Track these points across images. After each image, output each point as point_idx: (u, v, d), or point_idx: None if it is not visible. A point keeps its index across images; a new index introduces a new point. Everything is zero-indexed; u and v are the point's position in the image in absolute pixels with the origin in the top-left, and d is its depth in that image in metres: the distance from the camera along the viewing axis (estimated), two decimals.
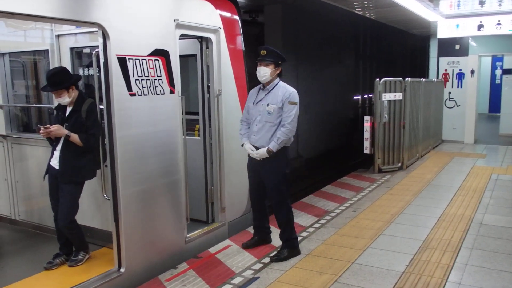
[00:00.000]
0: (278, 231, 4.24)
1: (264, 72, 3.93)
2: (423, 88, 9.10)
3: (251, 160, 4.12)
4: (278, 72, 4.00)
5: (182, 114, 4.18)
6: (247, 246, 4.33)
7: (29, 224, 4.97)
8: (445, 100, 11.29)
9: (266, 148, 3.91)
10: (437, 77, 11.34)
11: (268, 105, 3.94)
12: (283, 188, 4.04)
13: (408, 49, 20.10)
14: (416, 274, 3.70)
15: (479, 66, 11.24)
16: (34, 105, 5.31)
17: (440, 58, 11.36)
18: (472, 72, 10.98)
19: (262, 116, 3.97)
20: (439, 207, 5.61)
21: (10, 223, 5.12)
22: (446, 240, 4.46)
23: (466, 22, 10.53)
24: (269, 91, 3.99)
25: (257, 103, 4.03)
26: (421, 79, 9.40)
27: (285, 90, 3.96)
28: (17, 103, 5.27)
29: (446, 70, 11.24)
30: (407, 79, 8.03)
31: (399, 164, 8.02)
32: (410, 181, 7.09)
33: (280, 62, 3.98)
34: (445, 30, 10.88)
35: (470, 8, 10.10)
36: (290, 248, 4.11)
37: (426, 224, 4.98)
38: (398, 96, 7.80)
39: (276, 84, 4.01)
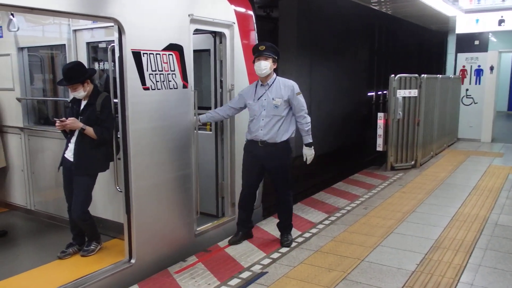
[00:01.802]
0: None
1: (264, 65, 4.07)
2: (440, 84, 8.96)
3: (254, 155, 4.21)
4: (274, 67, 4.18)
5: (195, 108, 4.21)
6: (233, 243, 4.37)
7: (44, 214, 5.08)
8: (462, 97, 11.09)
9: (309, 146, 4.23)
10: (455, 73, 11.14)
11: (273, 99, 4.10)
12: (290, 178, 4.29)
13: (424, 45, 19.79)
14: (427, 274, 3.67)
15: (499, 62, 10.99)
16: (50, 98, 5.40)
17: (458, 54, 11.14)
18: (491, 68, 10.74)
19: (268, 110, 4.10)
20: (452, 207, 5.54)
21: (26, 212, 5.24)
22: (459, 240, 4.40)
23: (486, 17, 10.30)
24: (270, 86, 4.16)
25: (258, 99, 4.15)
26: (438, 75, 9.24)
27: (287, 83, 4.18)
28: (35, 97, 5.37)
29: (464, 66, 11.01)
30: (423, 75, 7.90)
31: (413, 162, 7.93)
32: (423, 180, 7.01)
33: (276, 58, 4.16)
34: (464, 25, 10.66)
35: (491, 3, 9.88)
36: (290, 232, 4.44)
37: (439, 223, 4.93)
38: (413, 92, 7.70)
39: (275, 79, 4.19)
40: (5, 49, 5.20)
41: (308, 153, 4.27)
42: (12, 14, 4.66)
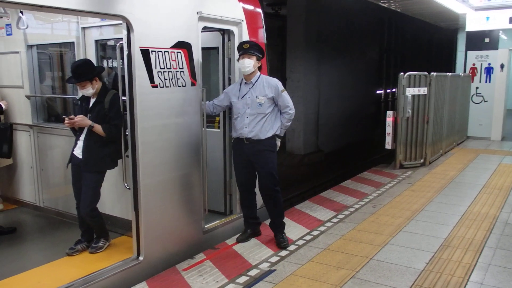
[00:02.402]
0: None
1: (248, 63, 4.09)
2: (449, 82, 8.89)
3: (241, 153, 4.22)
4: (259, 65, 4.19)
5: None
6: (241, 240, 4.38)
7: (53, 211, 5.11)
8: (472, 95, 10.99)
9: (279, 138, 4.26)
10: (464, 71, 11.05)
11: (257, 97, 4.11)
12: (276, 174, 4.23)
13: (434, 42, 19.64)
14: (436, 273, 3.64)
15: (510, 60, 10.86)
16: (59, 96, 5.43)
17: (468, 52, 11.04)
18: (502, 66, 10.63)
19: (252, 108, 4.12)
20: (462, 205, 5.49)
21: (35, 209, 5.28)
22: (469, 239, 4.36)
23: (496, 14, 10.18)
24: (253, 84, 4.17)
25: (242, 97, 4.17)
26: (447, 73, 9.16)
27: (271, 82, 4.20)
28: (44, 94, 5.40)
29: (474, 64, 10.91)
30: (432, 73, 7.85)
31: (422, 160, 7.87)
32: (432, 178, 6.95)
33: (261, 56, 4.18)
34: (474, 23, 10.55)
35: (502, 0, 9.76)
36: (283, 231, 4.34)
37: (448, 222, 4.89)
38: (423, 90, 7.64)
39: (259, 77, 4.20)
40: (15, 47, 5.23)
41: (279, 145, 4.34)
42: (21, 12, 4.69)
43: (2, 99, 5.22)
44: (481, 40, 10.78)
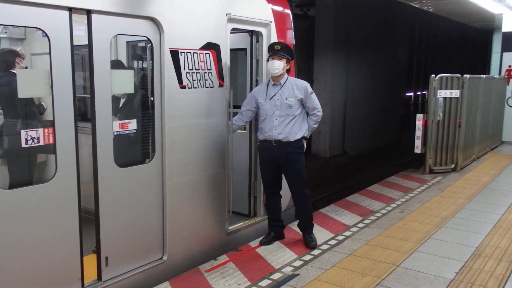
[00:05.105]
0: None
1: (278, 65, 4.07)
2: (483, 85, 8.60)
3: (268, 155, 4.21)
4: (288, 68, 4.18)
5: (230, 107, 4.22)
6: (265, 243, 4.36)
7: (81, 209, 5.21)
8: (507, 99, 10.62)
9: (305, 139, 4.24)
10: (500, 73, 10.68)
11: (287, 98, 4.10)
12: (305, 176, 4.24)
13: (467, 43, 19.07)
14: (467, 283, 3.52)
15: None
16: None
17: (504, 53, 10.69)
18: None
19: (281, 110, 4.11)
20: (495, 213, 5.30)
21: None
22: (502, 249, 4.20)
23: None
24: (282, 86, 4.16)
25: (270, 99, 4.15)
26: (481, 75, 8.87)
27: (300, 84, 4.20)
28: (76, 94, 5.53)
29: (510, 66, 10.55)
30: (465, 75, 7.61)
31: (453, 165, 7.64)
32: (464, 184, 6.74)
33: (290, 59, 4.17)
34: (511, 23, 10.19)
35: None
36: (312, 231, 4.36)
37: (480, 230, 4.73)
38: (455, 93, 7.42)
39: (287, 79, 4.19)
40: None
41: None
42: None
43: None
44: None
